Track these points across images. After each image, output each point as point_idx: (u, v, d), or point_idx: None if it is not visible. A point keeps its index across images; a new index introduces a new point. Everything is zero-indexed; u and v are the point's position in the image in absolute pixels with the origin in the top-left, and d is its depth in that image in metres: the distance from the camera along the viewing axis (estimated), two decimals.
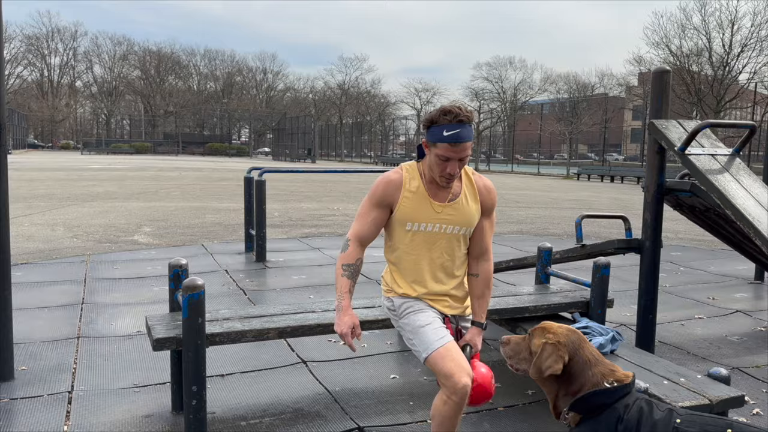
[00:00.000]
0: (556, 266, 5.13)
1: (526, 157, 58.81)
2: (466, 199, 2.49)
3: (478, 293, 2.57)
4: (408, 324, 2.48)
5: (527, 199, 19.57)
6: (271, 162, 54.77)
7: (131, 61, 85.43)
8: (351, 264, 2.45)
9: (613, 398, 1.77)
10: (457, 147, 2.29)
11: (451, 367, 2.31)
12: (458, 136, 2.27)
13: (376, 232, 2.51)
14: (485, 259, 2.58)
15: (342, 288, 2.42)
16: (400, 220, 2.46)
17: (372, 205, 2.47)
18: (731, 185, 3.62)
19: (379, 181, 2.46)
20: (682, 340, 4.86)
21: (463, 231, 2.49)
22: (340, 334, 2.37)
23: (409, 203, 2.44)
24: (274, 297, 5.85)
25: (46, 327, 4.77)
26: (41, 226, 10.22)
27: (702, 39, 36.59)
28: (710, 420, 1.69)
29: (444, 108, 2.31)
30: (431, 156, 2.36)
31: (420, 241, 2.47)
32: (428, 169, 2.42)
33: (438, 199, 2.45)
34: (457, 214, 2.46)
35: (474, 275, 2.59)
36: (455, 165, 2.33)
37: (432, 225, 2.45)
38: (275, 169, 8.48)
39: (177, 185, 20.70)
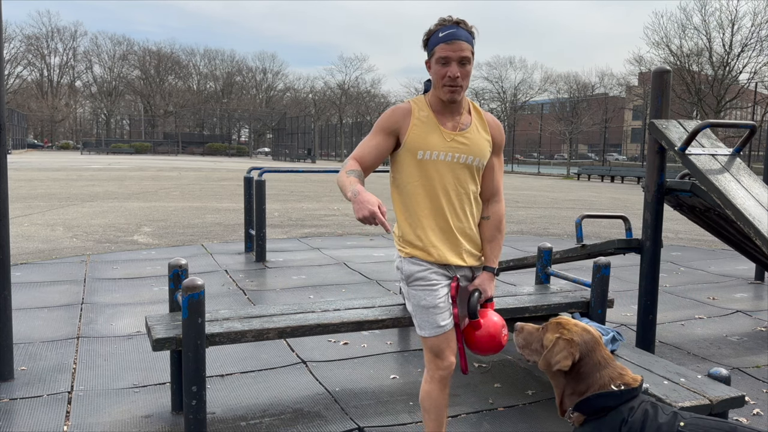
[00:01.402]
0: (556, 266, 5.14)
1: (526, 157, 58.80)
2: (477, 129, 2.44)
3: (489, 236, 2.50)
4: (414, 297, 2.41)
5: (527, 199, 19.57)
6: (271, 162, 54.77)
7: (131, 61, 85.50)
8: (355, 169, 2.30)
9: (618, 401, 1.76)
10: (453, 44, 2.26)
11: (443, 348, 2.36)
12: (454, 35, 2.26)
13: (376, 159, 2.39)
14: (496, 200, 2.52)
15: (350, 182, 2.20)
16: (411, 148, 2.37)
17: (377, 130, 2.40)
18: (731, 185, 3.62)
19: (386, 111, 2.43)
20: (682, 340, 4.85)
21: (476, 162, 2.41)
22: (368, 215, 2.03)
23: (418, 130, 2.37)
24: (274, 297, 5.85)
25: (45, 327, 4.77)
26: (41, 226, 10.22)
27: (702, 39, 36.62)
28: (714, 423, 1.69)
29: (440, 18, 2.33)
30: (433, 72, 2.34)
31: (432, 172, 2.37)
32: (434, 97, 2.39)
33: (448, 128, 2.39)
34: (468, 142, 2.40)
35: (485, 218, 2.51)
36: (455, 68, 2.28)
37: (444, 154, 2.36)
38: (275, 169, 8.48)
39: (177, 185, 20.69)
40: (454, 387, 3.74)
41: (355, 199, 2.10)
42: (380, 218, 2.03)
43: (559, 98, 56.82)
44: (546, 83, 60.99)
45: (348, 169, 2.30)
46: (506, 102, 62.10)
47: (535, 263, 4.52)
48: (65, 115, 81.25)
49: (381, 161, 2.42)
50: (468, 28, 2.31)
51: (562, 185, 29.74)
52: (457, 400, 3.55)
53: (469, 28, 2.31)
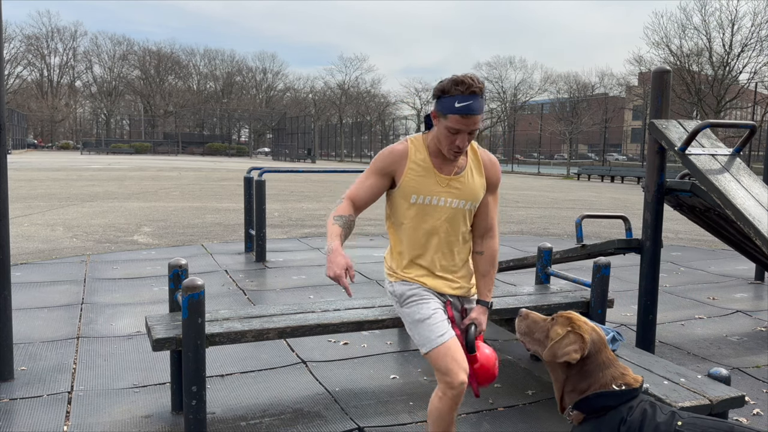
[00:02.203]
0: (556, 266, 5.14)
1: (526, 157, 58.80)
2: (471, 172, 2.45)
3: (483, 271, 2.53)
4: (408, 315, 2.43)
5: (527, 199, 19.57)
6: (271, 162, 54.77)
7: (131, 61, 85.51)
8: (343, 216, 2.35)
9: (618, 401, 1.77)
10: (468, 119, 2.24)
11: (449, 364, 2.29)
12: (470, 108, 2.22)
13: (370, 198, 2.43)
14: (490, 236, 2.54)
15: (333, 233, 2.29)
16: (405, 193, 2.40)
17: (372, 171, 2.42)
18: (731, 185, 3.62)
19: (383, 151, 2.42)
20: (682, 340, 4.85)
21: (469, 205, 2.44)
22: (333, 277, 2.19)
23: (414, 175, 2.38)
24: (274, 297, 5.85)
25: (45, 327, 4.77)
26: (41, 226, 10.22)
27: (702, 39, 36.64)
28: (712, 423, 1.69)
29: (456, 78, 2.24)
30: (440, 128, 2.31)
31: (425, 215, 2.41)
32: (435, 141, 2.38)
33: (444, 172, 2.40)
34: (462, 187, 2.42)
35: (479, 253, 2.54)
36: (465, 138, 2.29)
37: (437, 198, 2.39)
38: (275, 169, 8.48)
39: (177, 185, 20.70)
40: None
41: (328, 257, 2.23)
42: (343, 283, 2.17)
43: (559, 98, 56.85)
44: (546, 83, 61.06)
45: (336, 214, 2.36)
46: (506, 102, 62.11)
47: (535, 263, 4.52)
48: (65, 115, 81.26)
49: (375, 200, 2.46)
50: (482, 92, 2.27)
51: (562, 185, 29.75)
52: None
53: (483, 93, 2.28)
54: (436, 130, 2.35)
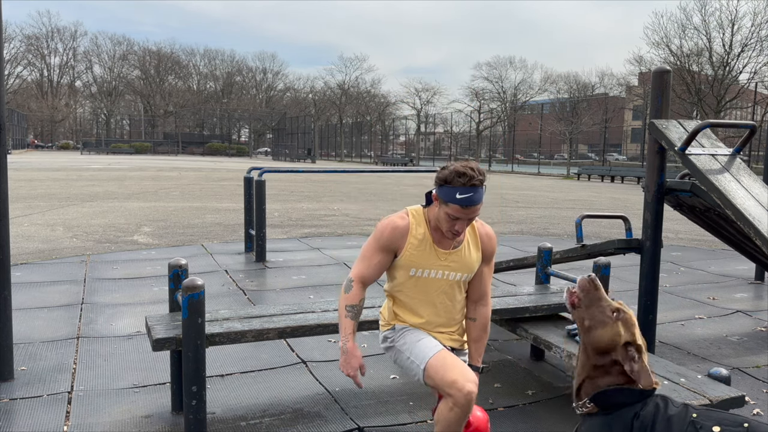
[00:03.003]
0: (556, 266, 5.13)
1: (526, 157, 58.79)
2: (468, 247, 2.55)
3: (475, 336, 2.63)
4: (405, 342, 2.55)
5: (527, 199, 19.57)
6: (271, 162, 54.77)
7: (131, 61, 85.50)
8: (355, 305, 2.48)
9: (635, 399, 1.79)
10: (468, 210, 2.33)
11: (452, 375, 2.34)
12: (471, 200, 2.31)
13: (379, 274, 2.55)
14: (483, 303, 2.64)
15: (346, 329, 2.45)
16: (405, 266, 2.51)
17: (377, 249, 2.51)
18: (731, 185, 3.62)
19: (386, 226, 2.50)
20: (682, 340, 4.85)
21: (464, 277, 2.56)
22: (348, 375, 2.44)
23: (414, 250, 2.49)
24: (274, 297, 5.85)
25: (45, 327, 4.77)
26: (41, 226, 10.22)
27: (702, 39, 36.61)
28: (726, 415, 1.71)
29: (458, 170, 2.32)
30: (440, 211, 2.40)
31: (422, 286, 2.54)
32: (435, 218, 2.47)
33: (442, 247, 2.51)
34: (459, 261, 2.52)
35: (471, 319, 2.64)
36: (464, 224, 2.38)
37: (435, 271, 2.51)
38: (275, 169, 8.48)
39: (177, 185, 20.70)
40: None
41: (343, 355, 2.44)
42: (357, 381, 2.45)
43: (559, 98, 56.82)
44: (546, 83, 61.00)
45: (348, 304, 2.47)
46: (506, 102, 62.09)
47: (535, 263, 4.52)
48: (65, 115, 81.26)
49: (382, 273, 2.58)
50: (483, 184, 2.35)
51: (562, 185, 29.75)
52: None
53: (483, 184, 2.35)
54: (437, 211, 2.44)
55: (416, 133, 68.04)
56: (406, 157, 61.46)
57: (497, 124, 64.40)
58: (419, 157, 62.42)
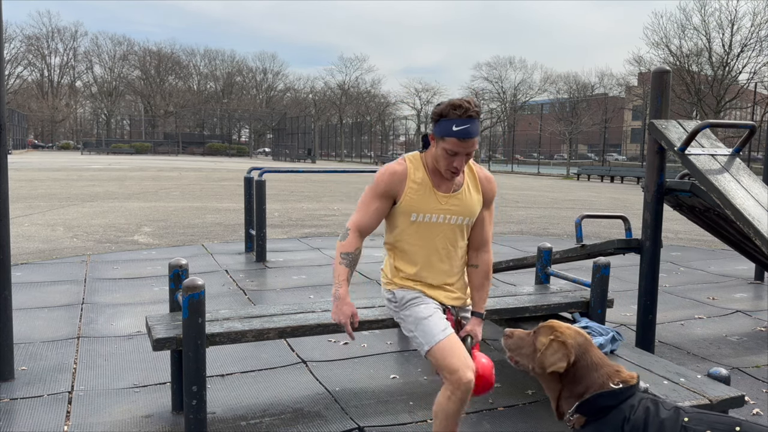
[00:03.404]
0: (556, 266, 5.14)
1: (526, 157, 58.81)
2: (468, 189, 2.51)
3: (478, 284, 2.59)
4: (409, 315, 2.49)
5: (527, 199, 19.57)
6: (271, 162, 54.78)
7: (131, 61, 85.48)
8: (350, 253, 2.44)
9: (618, 400, 1.77)
10: (465, 142, 2.30)
11: (455, 362, 2.32)
12: (467, 132, 2.29)
13: (377, 222, 2.50)
14: (485, 250, 2.61)
15: (340, 276, 2.42)
16: (405, 211, 2.46)
17: (375, 195, 2.47)
18: (731, 185, 3.62)
19: (383, 172, 2.46)
20: (682, 340, 4.86)
21: (466, 221, 2.52)
22: (338, 323, 2.39)
23: (414, 194, 2.44)
24: (274, 297, 5.85)
25: (46, 327, 4.77)
26: (41, 226, 10.22)
27: (702, 39, 36.63)
28: (718, 418, 1.69)
29: (453, 102, 2.30)
30: (438, 149, 2.37)
31: (424, 232, 2.48)
32: (433, 160, 2.44)
33: (442, 190, 2.47)
34: (460, 204, 2.48)
35: (473, 266, 2.61)
36: (462, 159, 2.35)
37: (437, 216, 2.46)
38: (275, 169, 8.48)
39: (177, 185, 20.70)
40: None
41: (335, 302, 2.41)
42: (347, 330, 2.40)
43: (558, 98, 56.86)
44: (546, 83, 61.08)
45: (343, 251, 2.43)
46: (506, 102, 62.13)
47: (535, 263, 4.53)
48: (65, 116, 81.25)
49: (380, 222, 2.53)
50: (479, 115, 2.33)
51: (561, 185, 29.75)
52: None
53: (479, 115, 2.34)
54: (434, 151, 2.41)
55: (416, 133, 68.05)
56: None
57: (497, 124, 64.43)
58: None
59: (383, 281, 2.65)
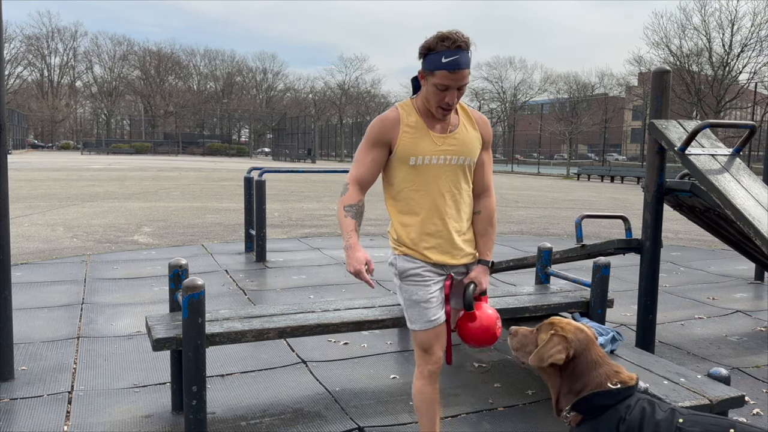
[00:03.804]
0: (556, 266, 5.14)
1: (526, 157, 58.81)
2: (465, 128, 2.45)
3: (481, 230, 2.54)
4: (406, 292, 2.44)
5: (527, 199, 19.57)
6: (271, 162, 54.77)
7: (131, 61, 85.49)
8: (353, 204, 2.37)
9: (615, 399, 1.77)
10: (455, 74, 2.23)
11: (432, 343, 2.41)
12: (457, 63, 2.21)
13: (376, 173, 2.43)
14: (487, 195, 2.56)
15: (347, 227, 2.34)
16: (403, 156, 2.38)
17: (369, 145, 2.40)
18: (731, 185, 3.62)
19: (375, 121, 2.40)
20: (682, 340, 4.86)
21: (468, 161, 2.44)
22: (354, 272, 2.29)
23: (409, 137, 2.37)
24: (274, 297, 5.85)
25: (46, 327, 4.77)
26: (41, 226, 10.22)
27: (702, 39, 36.62)
28: (713, 420, 1.69)
29: (441, 34, 2.24)
30: (428, 86, 2.30)
31: (426, 176, 2.39)
32: (424, 102, 2.38)
33: (437, 131, 2.40)
34: (458, 143, 2.42)
35: (476, 212, 2.55)
36: (454, 94, 2.28)
37: (436, 157, 2.38)
38: (275, 169, 8.48)
39: (177, 185, 20.70)
40: (454, 387, 3.74)
41: (347, 252, 2.32)
42: (364, 277, 2.28)
43: (559, 98, 56.87)
44: (546, 83, 61.11)
45: (346, 204, 2.36)
46: (506, 102, 62.14)
47: (535, 263, 4.53)
48: (65, 116, 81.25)
49: (379, 173, 2.46)
50: (469, 47, 2.26)
51: (561, 185, 29.75)
52: (457, 400, 3.56)
53: (469, 48, 2.26)
54: (425, 90, 2.34)
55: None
56: None
57: (497, 124, 64.45)
58: None
59: (391, 242, 2.54)
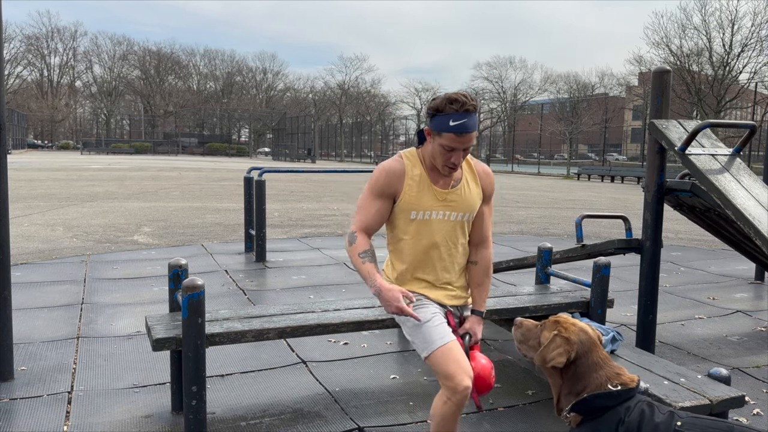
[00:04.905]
0: (556, 266, 5.13)
1: (526, 157, 58.79)
2: (467, 184, 2.47)
3: (478, 281, 2.56)
4: (409, 319, 2.44)
5: (527, 199, 19.57)
6: (271, 162, 54.77)
7: (131, 61, 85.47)
8: (367, 250, 2.38)
9: (615, 401, 1.76)
10: (462, 137, 2.26)
11: (452, 368, 2.28)
12: (464, 127, 2.24)
13: (381, 222, 2.46)
14: (485, 246, 2.57)
15: (369, 272, 2.33)
16: (405, 209, 2.42)
17: (374, 195, 2.43)
18: (731, 185, 3.62)
19: (380, 171, 2.42)
20: (682, 340, 4.85)
21: (467, 217, 2.48)
22: (396, 312, 2.24)
23: (412, 192, 2.40)
24: (274, 297, 5.85)
25: (46, 327, 4.77)
26: (41, 226, 10.22)
27: (702, 39, 36.62)
28: (711, 423, 1.69)
29: (450, 96, 2.26)
30: (434, 144, 2.33)
31: (424, 230, 2.44)
32: (430, 156, 2.40)
33: (440, 186, 2.43)
34: (460, 200, 2.44)
35: (473, 262, 2.56)
36: (459, 155, 2.31)
37: (436, 212, 2.42)
38: (275, 169, 8.48)
39: (177, 185, 20.70)
40: None
41: (380, 296, 2.28)
42: (410, 312, 2.23)
43: (559, 98, 56.84)
44: (546, 83, 61.05)
45: (360, 251, 2.37)
46: (506, 102, 62.12)
47: (535, 263, 4.52)
48: (65, 115, 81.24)
49: (384, 221, 2.49)
50: (476, 109, 2.28)
51: (562, 185, 29.75)
52: None
53: (477, 109, 2.29)
54: (431, 147, 2.37)
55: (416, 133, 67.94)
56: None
57: (497, 124, 64.43)
58: None
59: (385, 276, 2.59)
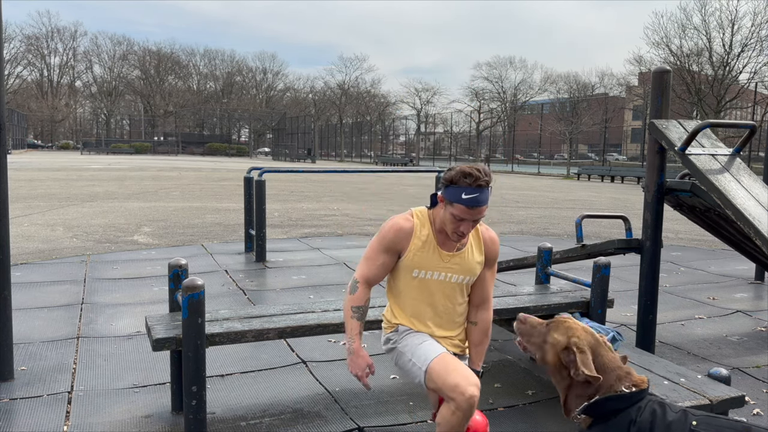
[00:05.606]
0: (556, 266, 5.13)
1: (526, 157, 58.76)
2: (471, 250, 2.55)
3: (476, 341, 2.63)
4: (407, 345, 2.53)
5: (527, 199, 19.57)
6: (271, 162, 54.76)
7: (131, 61, 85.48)
8: (361, 306, 2.50)
9: (628, 403, 1.74)
10: (473, 210, 2.32)
11: (455, 378, 2.31)
12: (476, 201, 2.31)
13: (384, 274, 2.55)
14: (485, 308, 2.64)
15: (352, 330, 2.47)
16: (408, 266, 2.51)
17: (381, 250, 2.51)
18: (731, 185, 3.62)
19: (390, 227, 2.49)
20: (682, 340, 4.85)
21: (466, 280, 2.56)
22: (355, 376, 2.45)
23: (418, 251, 2.49)
24: (274, 297, 5.85)
25: (45, 327, 4.77)
26: (41, 226, 10.22)
27: (702, 39, 36.61)
28: (726, 423, 1.66)
29: (464, 170, 2.32)
30: (446, 212, 2.40)
31: (424, 288, 2.54)
32: (440, 220, 2.47)
33: (446, 248, 2.50)
34: (462, 263, 2.52)
35: (473, 323, 2.64)
36: (469, 225, 2.38)
37: (438, 273, 2.51)
38: (275, 169, 8.48)
39: (177, 185, 20.70)
40: None
41: (350, 356, 2.47)
42: (364, 381, 2.46)
43: (559, 98, 56.81)
44: (546, 83, 61.06)
45: (354, 305, 2.48)
46: (506, 102, 62.12)
47: (535, 263, 4.52)
48: (65, 115, 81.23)
49: (387, 274, 2.58)
50: (489, 184, 2.33)
51: (562, 185, 29.75)
52: None
53: (489, 184, 2.34)
54: (442, 212, 2.43)
55: (416, 133, 68.06)
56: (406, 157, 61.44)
57: (497, 124, 64.45)
58: (419, 157, 62.43)
59: (384, 326, 2.68)
